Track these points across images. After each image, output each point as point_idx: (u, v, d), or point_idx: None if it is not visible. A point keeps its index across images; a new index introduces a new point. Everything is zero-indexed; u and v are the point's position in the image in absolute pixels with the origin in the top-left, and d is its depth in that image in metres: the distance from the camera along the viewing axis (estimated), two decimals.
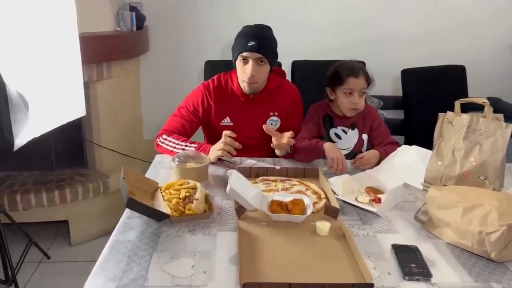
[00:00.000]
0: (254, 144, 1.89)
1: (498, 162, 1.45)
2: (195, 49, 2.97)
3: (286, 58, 2.41)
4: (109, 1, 2.51)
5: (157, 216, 1.26)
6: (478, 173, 1.47)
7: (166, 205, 1.31)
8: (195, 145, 1.76)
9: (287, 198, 1.37)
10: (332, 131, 1.92)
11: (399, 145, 1.85)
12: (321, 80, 1.91)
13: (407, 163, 1.50)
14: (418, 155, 1.48)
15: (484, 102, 1.57)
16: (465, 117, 1.56)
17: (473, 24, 3.04)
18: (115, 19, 2.57)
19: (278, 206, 1.33)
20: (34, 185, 2.43)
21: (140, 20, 2.69)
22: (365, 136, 1.94)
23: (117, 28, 2.57)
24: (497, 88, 3.14)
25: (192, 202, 1.30)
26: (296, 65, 2.41)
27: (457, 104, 1.60)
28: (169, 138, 1.80)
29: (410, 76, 2.37)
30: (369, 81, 1.86)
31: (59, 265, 2.37)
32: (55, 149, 2.54)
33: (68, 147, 2.63)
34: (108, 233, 1.25)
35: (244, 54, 1.72)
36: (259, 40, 1.71)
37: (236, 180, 1.32)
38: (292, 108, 1.93)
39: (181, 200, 1.32)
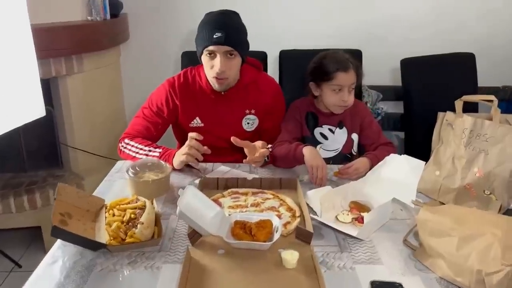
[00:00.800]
0: (228, 146, 1.67)
1: (507, 173, 1.22)
2: (181, 36, 2.75)
3: (272, 48, 2.19)
4: None
5: (91, 245, 1.06)
6: (482, 186, 1.25)
7: (105, 230, 1.11)
8: (160, 150, 1.56)
9: (254, 217, 1.15)
10: (317, 131, 1.71)
11: (393, 147, 1.63)
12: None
13: (397, 175, 1.27)
14: (409, 167, 1.25)
15: (492, 101, 1.32)
16: (468, 119, 1.32)
17: (485, 8, 2.76)
18: (86, 7, 2.35)
19: (241, 229, 1.12)
20: (3, 189, 2.26)
21: (116, 7, 2.47)
22: (355, 136, 1.72)
23: (88, 17, 2.35)
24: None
25: (137, 226, 1.10)
26: (284, 55, 2.16)
27: (458, 103, 1.36)
28: (132, 143, 1.60)
29: (411, 66, 2.11)
30: (359, 73, 1.64)
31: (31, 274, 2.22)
32: (27, 150, 2.37)
33: (42, 148, 2.46)
34: None
35: (210, 48, 1.49)
36: (226, 30, 1.47)
37: (190, 199, 1.10)
38: (271, 104, 1.71)
39: (124, 224, 1.12)
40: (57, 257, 1.06)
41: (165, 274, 1.00)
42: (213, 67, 1.53)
